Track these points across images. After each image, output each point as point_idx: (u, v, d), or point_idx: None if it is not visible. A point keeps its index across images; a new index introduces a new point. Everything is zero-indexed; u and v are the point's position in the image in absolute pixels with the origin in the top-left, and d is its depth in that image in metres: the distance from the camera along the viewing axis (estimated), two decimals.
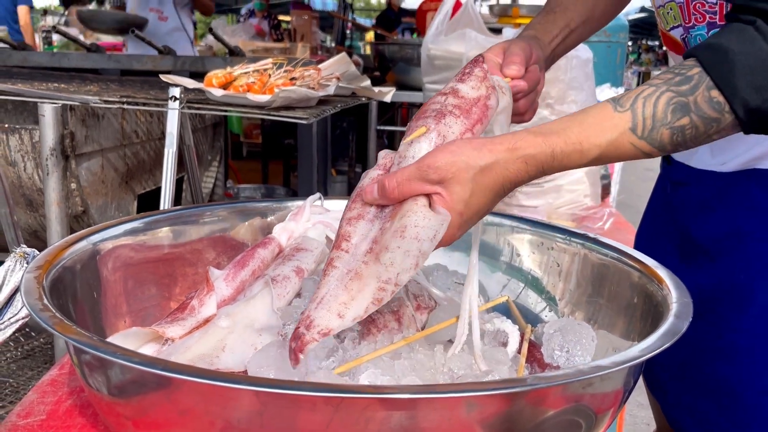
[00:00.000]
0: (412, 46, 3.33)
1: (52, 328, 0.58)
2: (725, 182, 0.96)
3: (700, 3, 0.90)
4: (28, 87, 1.89)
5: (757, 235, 0.93)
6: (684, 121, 0.69)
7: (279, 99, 1.55)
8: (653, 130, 0.70)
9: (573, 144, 0.69)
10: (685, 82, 0.69)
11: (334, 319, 0.64)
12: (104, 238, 0.90)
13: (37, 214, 2.00)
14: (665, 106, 0.69)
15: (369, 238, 0.70)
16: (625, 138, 0.70)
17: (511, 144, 0.68)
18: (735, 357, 0.94)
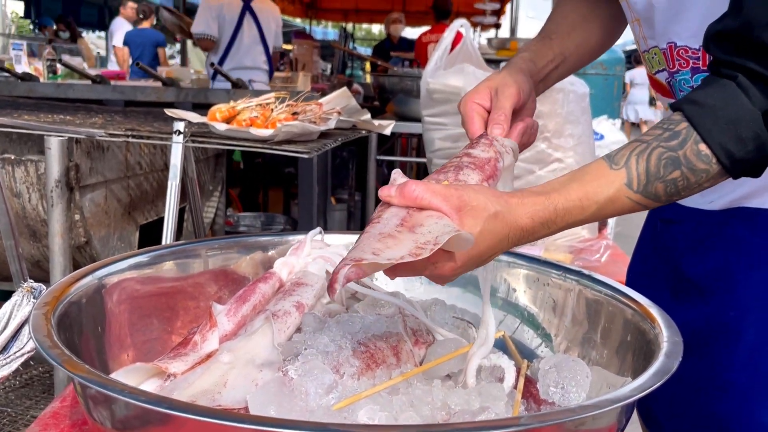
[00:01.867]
0: (411, 78, 3.39)
1: (62, 366, 0.60)
2: (713, 220, 0.98)
3: (683, 49, 0.93)
4: (34, 118, 1.92)
5: (745, 272, 0.95)
6: (675, 174, 0.74)
7: (281, 133, 1.58)
8: (648, 185, 0.74)
9: (573, 201, 0.73)
10: (674, 138, 0.74)
11: (368, 254, 0.64)
12: (109, 272, 0.92)
13: (40, 245, 2.02)
14: (657, 161, 0.74)
15: (398, 216, 0.71)
16: (622, 193, 0.74)
17: (520, 200, 0.72)
18: (728, 393, 0.96)
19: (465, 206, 0.70)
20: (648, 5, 0.94)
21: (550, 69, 1.04)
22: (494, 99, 0.93)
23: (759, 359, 0.94)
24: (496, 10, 7.97)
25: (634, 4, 0.97)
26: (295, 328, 0.90)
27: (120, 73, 4.97)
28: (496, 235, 0.71)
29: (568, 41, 1.06)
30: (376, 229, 0.69)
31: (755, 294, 0.94)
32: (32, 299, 0.89)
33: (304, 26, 12.54)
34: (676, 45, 0.93)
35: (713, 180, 0.76)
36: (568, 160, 2.21)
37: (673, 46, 0.94)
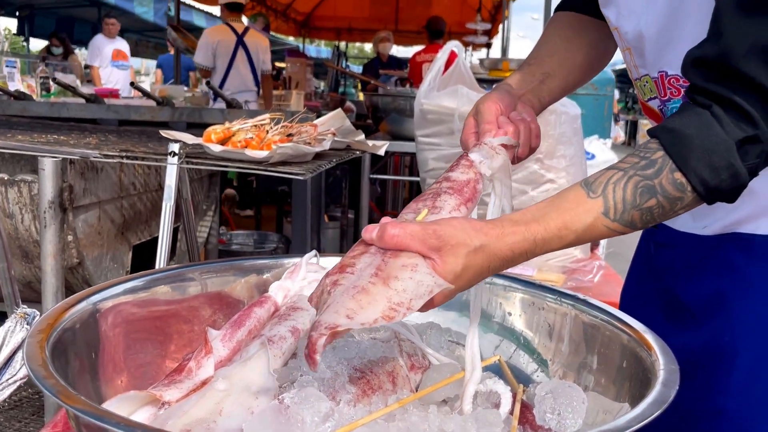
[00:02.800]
0: (404, 97, 3.41)
1: (57, 397, 0.60)
2: (707, 245, 0.99)
3: (674, 78, 0.94)
4: (28, 138, 1.92)
5: (739, 297, 0.95)
6: (651, 203, 0.76)
7: (276, 155, 1.58)
8: (624, 213, 0.76)
9: (552, 231, 0.75)
10: (650, 166, 0.76)
11: (342, 318, 0.65)
12: (104, 297, 0.91)
13: (32, 266, 2.00)
14: (633, 189, 0.75)
15: (373, 265, 0.72)
16: (599, 222, 0.76)
17: (500, 231, 0.73)
18: (721, 419, 0.96)
19: (444, 246, 0.71)
20: (638, 35, 0.95)
21: (535, 84, 1.04)
22: (477, 120, 0.96)
23: (753, 385, 0.94)
24: (488, 30, 8.05)
25: (625, 34, 0.98)
26: (290, 353, 0.90)
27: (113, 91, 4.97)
28: (477, 269, 0.73)
29: (550, 62, 1.07)
30: (350, 281, 0.71)
31: (749, 319, 0.95)
32: (25, 325, 0.89)
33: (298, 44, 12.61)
34: (667, 74, 0.94)
35: (688, 206, 0.78)
36: (560, 181, 2.22)
37: (664, 75, 0.95)
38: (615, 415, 0.81)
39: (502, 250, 0.73)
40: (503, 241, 0.73)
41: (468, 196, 0.84)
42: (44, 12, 13.54)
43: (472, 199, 0.84)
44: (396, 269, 0.70)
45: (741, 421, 0.94)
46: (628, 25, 0.97)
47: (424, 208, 0.81)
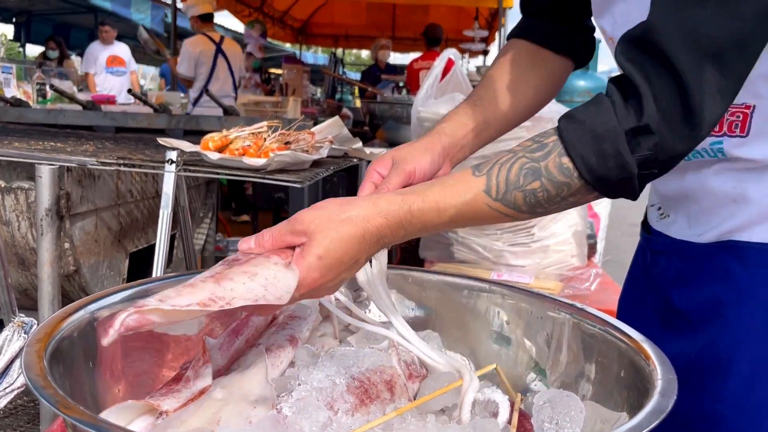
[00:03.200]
0: (401, 105, 3.42)
1: (55, 407, 0.60)
2: (703, 253, 0.99)
3: None
4: (25, 145, 1.92)
5: (735, 305, 0.96)
6: (535, 185, 0.75)
7: (274, 163, 1.58)
8: (506, 193, 0.75)
9: (430, 202, 0.75)
10: (540, 149, 0.75)
11: (152, 300, 0.66)
12: (101, 306, 0.91)
13: (28, 273, 2.00)
14: (518, 170, 0.75)
15: (214, 270, 0.74)
16: (480, 199, 0.75)
17: (372, 200, 0.74)
18: (718, 426, 0.96)
19: (309, 227, 0.72)
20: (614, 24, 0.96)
21: (470, 138, 1.03)
22: (391, 170, 0.94)
23: (750, 392, 0.95)
24: (485, 37, 8.08)
25: (604, 26, 0.99)
26: (288, 363, 0.90)
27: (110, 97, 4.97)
28: (351, 237, 0.72)
29: (494, 107, 1.05)
30: (191, 280, 0.71)
31: (745, 327, 0.95)
32: (23, 334, 0.88)
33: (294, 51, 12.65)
34: None
35: (578, 195, 0.76)
36: None
37: None
38: (613, 424, 0.82)
39: (375, 217, 0.73)
40: (376, 208, 0.73)
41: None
42: (41, 18, 13.55)
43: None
44: (233, 272, 0.71)
45: (738, 427, 0.95)
46: (606, 23, 0.98)
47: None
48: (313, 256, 0.72)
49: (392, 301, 0.97)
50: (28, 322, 0.87)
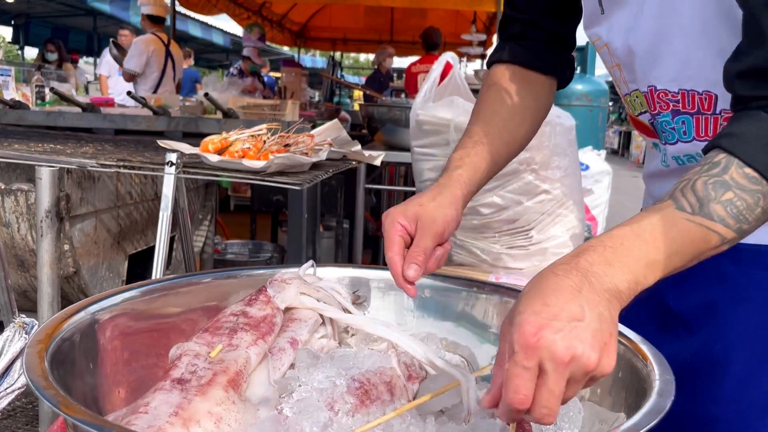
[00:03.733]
0: (400, 108, 3.42)
1: (57, 407, 0.60)
2: None
3: (663, 92, 0.95)
4: (25, 147, 1.92)
5: (730, 306, 0.96)
6: (729, 195, 0.71)
7: (273, 165, 1.59)
8: (703, 207, 0.70)
9: (621, 229, 0.70)
10: (714, 167, 0.72)
11: None
12: (102, 308, 0.91)
13: (27, 275, 2.00)
14: (703, 185, 0.71)
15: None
16: (677, 216, 0.70)
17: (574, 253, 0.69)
18: (717, 426, 0.96)
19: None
20: (628, 51, 0.97)
21: (483, 181, 1.02)
22: (418, 231, 0.91)
23: (745, 393, 0.95)
24: (483, 41, 8.10)
25: (615, 50, 0.99)
26: (289, 365, 0.91)
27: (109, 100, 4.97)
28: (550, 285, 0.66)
29: (498, 144, 1.04)
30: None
31: (741, 329, 0.96)
32: (24, 335, 0.89)
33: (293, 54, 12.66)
34: (656, 89, 0.96)
35: None
36: (555, 192, 2.24)
37: (653, 90, 0.96)
38: (611, 425, 0.82)
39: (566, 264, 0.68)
40: (572, 260, 0.68)
41: (265, 331, 0.90)
42: (39, 21, 13.56)
43: (269, 333, 0.90)
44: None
45: (734, 428, 0.95)
46: (617, 41, 0.98)
47: (219, 344, 0.85)
48: (515, 314, 0.66)
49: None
50: (30, 323, 0.87)
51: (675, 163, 1.00)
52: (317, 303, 0.99)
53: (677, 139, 0.97)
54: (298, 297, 0.96)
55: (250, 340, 0.86)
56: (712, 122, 0.93)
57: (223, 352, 0.81)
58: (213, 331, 0.87)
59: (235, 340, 0.85)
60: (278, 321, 0.93)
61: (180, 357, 0.80)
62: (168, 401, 0.71)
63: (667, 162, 1.02)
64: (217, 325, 0.89)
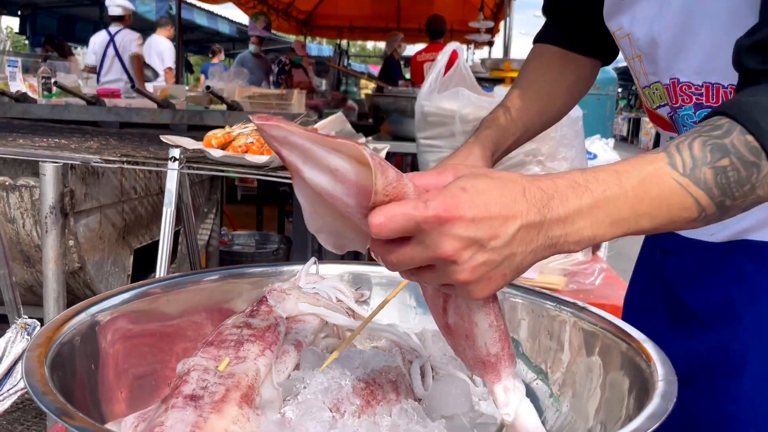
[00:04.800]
0: (406, 98, 3.41)
1: (54, 414, 0.60)
2: (715, 252, 0.98)
3: (686, 85, 0.93)
4: (29, 142, 1.93)
5: (748, 305, 0.95)
6: (725, 162, 0.66)
7: (277, 160, 1.58)
8: (695, 168, 0.65)
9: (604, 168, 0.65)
10: (717, 129, 0.68)
11: None
12: (102, 309, 0.91)
13: (33, 270, 2.01)
14: (701, 146, 0.66)
15: None
16: (666, 172, 0.65)
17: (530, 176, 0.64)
18: (732, 426, 0.95)
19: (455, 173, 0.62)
20: (651, 42, 0.95)
21: (511, 143, 1.05)
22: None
23: (763, 392, 0.94)
24: (490, 28, 8.03)
25: (637, 41, 0.97)
26: (293, 367, 0.90)
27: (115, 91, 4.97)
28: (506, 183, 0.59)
29: (532, 112, 1.07)
30: None
31: (759, 327, 0.94)
32: (26, 336, 0.89)
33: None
34: (679, 81, 0.93)
35: (765, 181, 0.67)
36: None
37: (676, 82, 0.94)
38: (612, 425, 0.82)
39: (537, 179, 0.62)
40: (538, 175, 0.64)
41: (271, 341, 0.89)
42: (46, 11, 13.56)
43: (275, 342, 0.89)
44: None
45: (751, 428, 0.94)
46: (640, 31, 0.96)
47: (226, 357, 0.83)
48: (456, 186, 0.58)
49: None
50: (32, 324, 0.87)
51: None
52: (318, 309, 0.99)
53: None
54: (298, 306, 0.96)
55: (258, 351, 0.85)
56: None
57: (231, 365, 0.81)
58: (218, 344, 0.87)
59: (241, 352, 0.85)
60: (282, 329, 0.92)
61: (189, 372, 0.80)
62: (183, 419, 0.70)
63: None
64: (221, 338, 0.89)
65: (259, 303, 0.97)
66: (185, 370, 0.80)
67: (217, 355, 0.84)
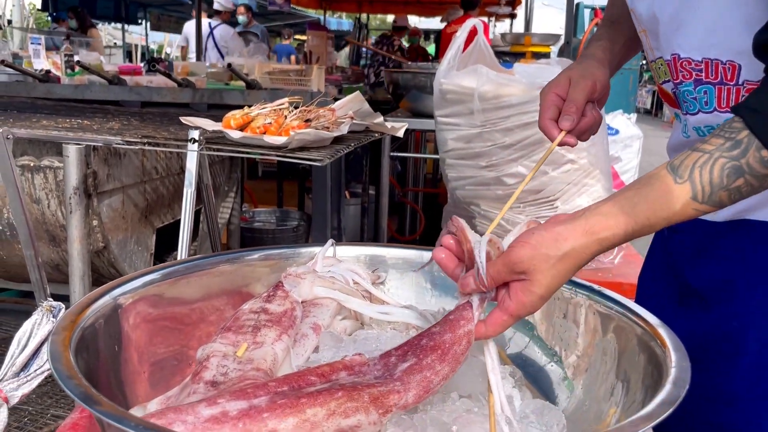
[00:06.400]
0: (425, 74, 3.38)
1: (78, 398, 0.62)
2: (717, 232, 0.99)
3: (686, 61, 0.93)
4: (53, 123, 1.95)
5: (747, 284, 0.96)
6: (739, 183, 0.76)
7: (295, 141, 1.59)
8: (712, 195, 0.76)
9: (642, 222, 0.76)
10: (736, 147, 0.75)
11: None
12: (125, 291, 0.94)
13: (59, 249, 2.05)
14: (720, 171, 0.76)
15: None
16: (689, 206, 0.77)
17: (586, 228, 0.75)
18: (732, 405, 0.96)
19: (529, 268, 0.74)
20: (652, 17, 0.95)
21: (624, 52, 1.10)
22: (570, 89, 0.99)
23: (762, 371, 0.95)
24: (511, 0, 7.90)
25: (640, 16, 0.98)
26: (312, 350, 0.92)
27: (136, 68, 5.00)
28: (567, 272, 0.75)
29: (628, 24, 1.09)
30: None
31: (758, 306, 0.95)
32: (51, 318, 0.91)
33: (318, 17, 12.52)
34: (679, 57, 0.94)
35: None
36: (581, 161, 2.20)
37: (676, 58, 0.94)
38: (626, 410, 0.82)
39: (590, 246, 0.75)
40: (591, 237, 0.75)
41: (287, 325, 0.91)
42: None
43: (291, 326, 0.91)
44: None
45: (750, 405, 0.95)
46: (641, 6, 0.97)
47: (244, 342, 0.85)
48: (536, 295, 0.75)
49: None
50: (57, 307, 0.90)
51: (696, 133, 0.98)
52: (334, 293, 1.00)
53: (698, 110, 0.96)
54: (313, 290, 0.98)
55: (274, 336, 0.87)
56: (734, 93, 0.91)
57: (249, 351, 0.83)
58: (236, 330, 0.89)
59: (259, 337, 0.87)
60: (298, 314, 0.94)
61: (208, 358, 0.82)
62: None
63: (687, 133, 1.00)
64: (239, 323, 0.90)
65: (275, 288, 0.99)
66: (205, 356, 0.82)
67: (235, 340, 0.86)
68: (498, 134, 2.17)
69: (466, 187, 2.27)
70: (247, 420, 0.65)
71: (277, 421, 0.66)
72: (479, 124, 2.19)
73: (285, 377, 0.75)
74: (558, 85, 1.01)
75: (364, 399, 0.71)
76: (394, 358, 0.81)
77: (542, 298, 0.75)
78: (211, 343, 0.87)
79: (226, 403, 0.67)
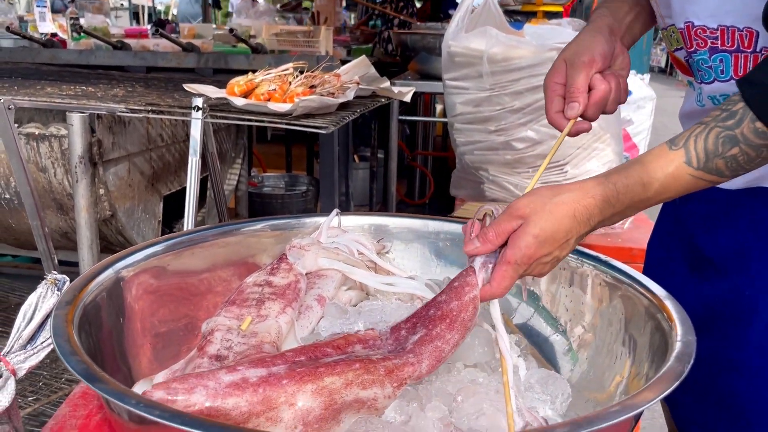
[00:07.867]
0: (434, 35, 3.31)
1: (81, 375, 0.62)
2: (731, 199, 0.98)
3: (701, 29, 0.90)
4: (57, 90, 1.94)
5: (762, 252, 0.94)
6: (734, 151, 0.77)
7: (300, 108, 1.57)
8: (708, 162, 0.78)
9: (633, 178, 0.78)
10: (731, 117, 0.77)
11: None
12: (128, 264, 0.94)
13: (67, 217, 2.06)
14: (715, 139, 0.77)
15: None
16: (682, 170, 0.78)
17: (580, 185, 0.79)
18: (741, 371, 0.96)
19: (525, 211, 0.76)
20: None
21: (630, 20, 1.05)
22: (568, 71, 0.95)
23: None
24: None
25: None
26: (317, 321, 0.92)
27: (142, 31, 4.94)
28: (563, 215, 0.76)
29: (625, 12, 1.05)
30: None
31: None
32: (56, 291, 0.92)
33: None
34: (693, 25, 0.91)
35: None
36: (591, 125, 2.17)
37: (690, 26, 0.91)
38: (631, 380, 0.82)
39: (584, 198, 0.77)
40: (584, 191, 0.77)
41: (291, 298, 0.91)
42: None
43: (296, 299, 0.92)
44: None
45: (760, 373, 0.94)
46: None
47: (248, 316, 0.85)
48: (530, 235, 0.76)
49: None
50: (61, 280, 0.90)
51: (710, 102, 0.96)
52: (339, 264, 1.00)
53: (714, 78, 0.93)
54: (317, 262, 0.97)
55: (278, 309, 0.87)
56: (752, 60, 0.88)
57: (253, 324, 0.83)
58: (240, 303, 0.89)
59: (263, 310, 0.87)
60: (302, 286, 0.94)
61: (212, 332, 0.82)
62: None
63: (702, 101, 0.98)
64: (243, 296, 0.90)
65: (279, 260, 0.98)
66: (209, 330, 0.82)
67: (239, 314, 0.86)
68: (507, 98, 2.13)
69: (475, 152, 2.25)
70: (267, 386, 0.67)
71: (296, 387, 0.67)
72: (488, 87, 2.15)
73: (301, 348, 0.77)
74: (556, 72, 0.97)
75: (379, 372, 0.72)
76: (404, 331, 0.82)
77: (536, 237, 0.75)
78: (215, 317, 0.87)
79: (245, 370, 0.69)
